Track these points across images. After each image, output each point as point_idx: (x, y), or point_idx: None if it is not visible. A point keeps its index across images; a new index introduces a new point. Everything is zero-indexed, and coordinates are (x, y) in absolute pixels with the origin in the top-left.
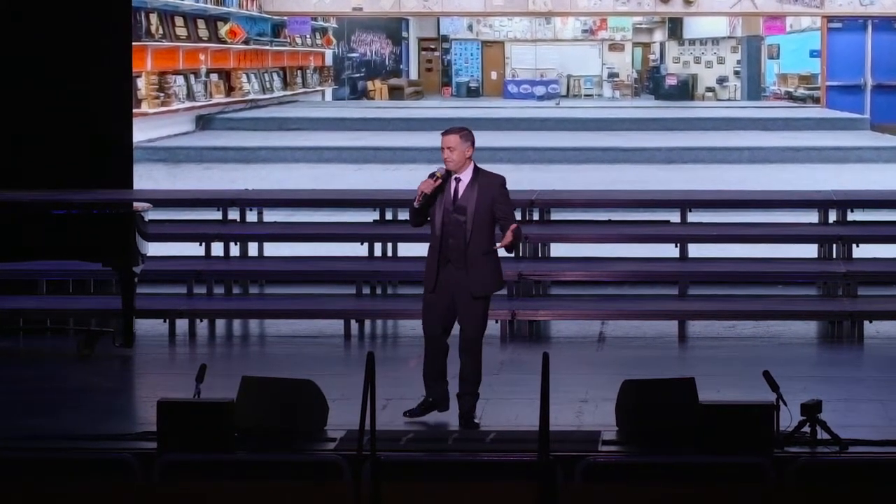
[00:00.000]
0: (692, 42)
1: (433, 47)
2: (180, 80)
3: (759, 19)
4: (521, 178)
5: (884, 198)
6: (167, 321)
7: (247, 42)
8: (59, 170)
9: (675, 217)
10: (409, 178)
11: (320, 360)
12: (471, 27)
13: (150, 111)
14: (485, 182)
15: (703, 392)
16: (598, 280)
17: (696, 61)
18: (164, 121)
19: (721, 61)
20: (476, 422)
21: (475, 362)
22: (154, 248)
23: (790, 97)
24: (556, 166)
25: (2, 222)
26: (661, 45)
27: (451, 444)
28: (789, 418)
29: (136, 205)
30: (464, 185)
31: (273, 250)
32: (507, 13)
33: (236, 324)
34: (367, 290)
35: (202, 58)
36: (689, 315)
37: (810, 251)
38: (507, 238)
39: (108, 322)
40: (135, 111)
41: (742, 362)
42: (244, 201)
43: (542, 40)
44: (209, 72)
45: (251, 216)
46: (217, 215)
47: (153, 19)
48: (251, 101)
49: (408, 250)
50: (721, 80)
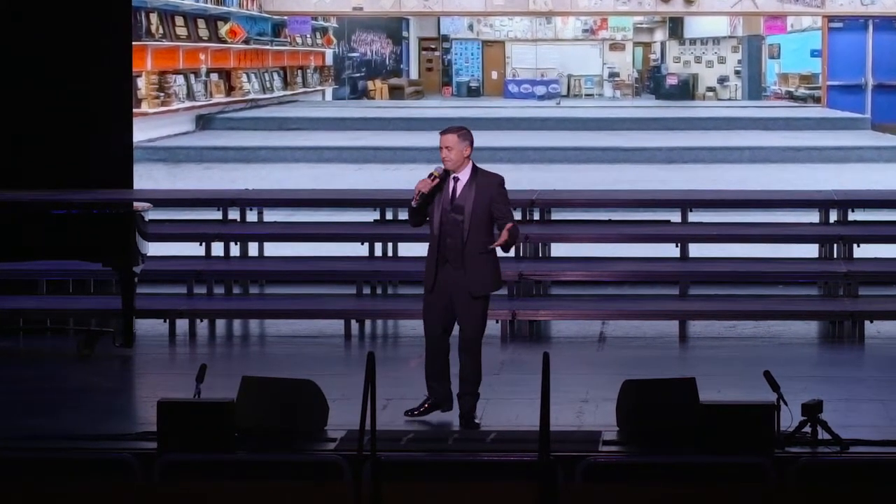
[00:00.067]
0: (693, 42)
1: (433, 47)
2: (180, 79)
3: (759, 19)
4: (522, 178)
5: (885, 198)
6: (167, 321)
7: (247, 42)
8: (59, 170)
9: (675, 217)
10: (410, 178)
11: (320, 360)
12: (471, 27)
13: (150, 111)
14: (483, 181)
15: (704, 392)
16: (598, 280)
17: (697, 61)
18: (164, 120)
19: (722, 61)
20: (476, 422)
21: (475, 362)
22: (154, 248)
23: (791, 97)
24: (557, 166)
25: (2, 222)
26: (662, 44)
27: (451, 444)
28: (790, 418)
29: (136, 205)
30: (462, 184)
31: (273, 250)
32: (508, 13)
33: (236, 324)
34: (367, 290)
35: (202, 57)
36: (690, 315)
37: (811, 251)
38: (503, 237)
39: (108, 322)
40: (135, 111)
41: (743, 362)
42: (244, 201)
43: (542, 40)
44: (209, 71)
45: (251, 216)
46: (217, 215)
47: (153, 19)
48: (251, 100)
49: (408, 250)
50: (722, 80)
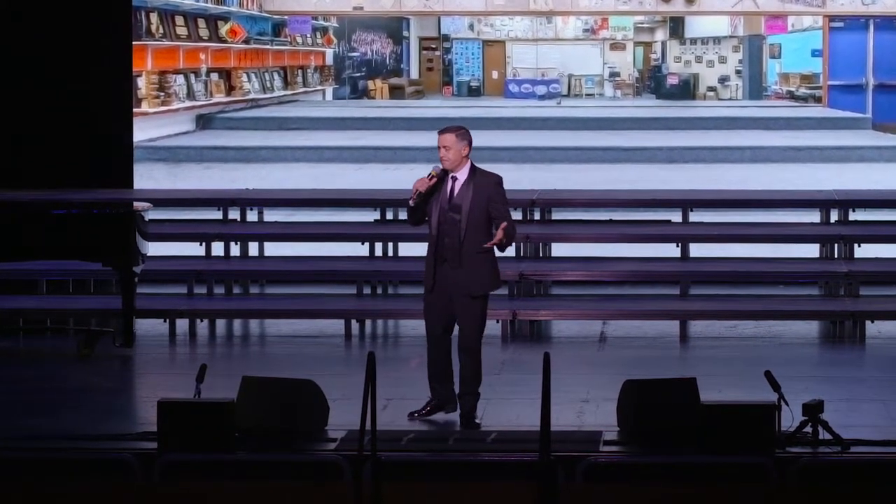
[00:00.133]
0: (694, 41)
1: (434, 46)
2: (181, 79)
3: (760, 18)
4: (522, 178)
5: (885, 197)
6: (167, 321)
7: (247, 41)
8: (59, 170)
9: (676, 217)
10: (410, 178)
11: (321, 360)
12: (472, 26)
13: (151, 111)
14: (481, 181)
15: (705, 392)
16: (599, 280)
17: (698, 61)
18: (164, 120)
19: (722, 61)
20: (477, 422)
21: (475, 362)
22: (154, 248)
23: (792, 97)
24: (558, 166)
25: (2, 222)
26: (663, 44)
27: (451, 444)
28: (791, 418)
29: (136, 204)
30: (460, 183)
31: (273, 250)
32: (509, 12)
33: (236, 324)
34: (367, 290)
35: (202, 57)
36: (691, 315)
37: (812, 251)
38: (498, 236)
39: (108, 322)
40: (135, 111)
41: (743, 362)
42: (244, 201)
43: (543, 40)
44: (209, 71)
45: (251, 216)
46: (217, 215)
47: (153, 18)
48: (251, 100)
49: (408, 250)
50: (722, 80)
